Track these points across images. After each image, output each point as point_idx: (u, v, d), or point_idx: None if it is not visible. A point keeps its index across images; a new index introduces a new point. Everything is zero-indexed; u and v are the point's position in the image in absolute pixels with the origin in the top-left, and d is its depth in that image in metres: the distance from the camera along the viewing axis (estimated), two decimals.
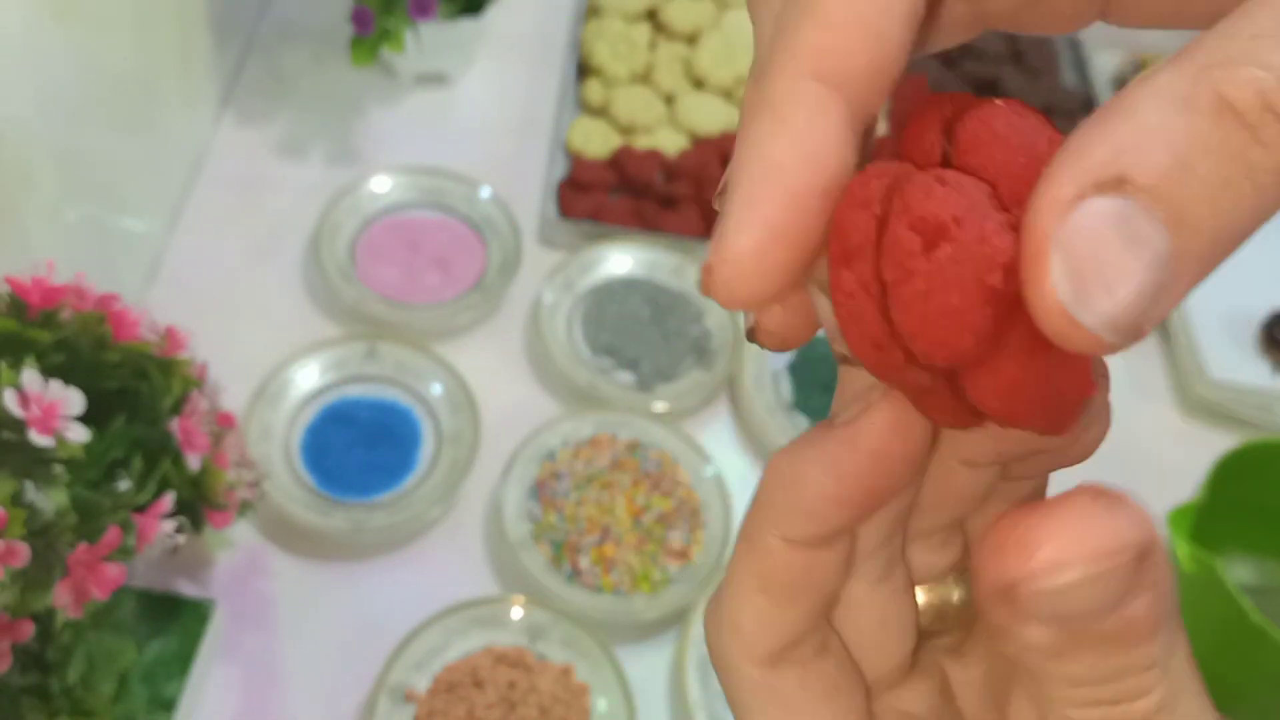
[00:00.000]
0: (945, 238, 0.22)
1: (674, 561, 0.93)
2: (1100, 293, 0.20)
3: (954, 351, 0.22)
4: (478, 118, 1.27)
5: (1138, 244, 0.20)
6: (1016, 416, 0.23)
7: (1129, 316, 0.20)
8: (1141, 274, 0.20)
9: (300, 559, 0.92)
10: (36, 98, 0.82)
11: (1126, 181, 0.20)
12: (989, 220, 0.22)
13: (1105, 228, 0.20)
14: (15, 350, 0.67)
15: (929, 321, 0.22)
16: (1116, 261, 0.20)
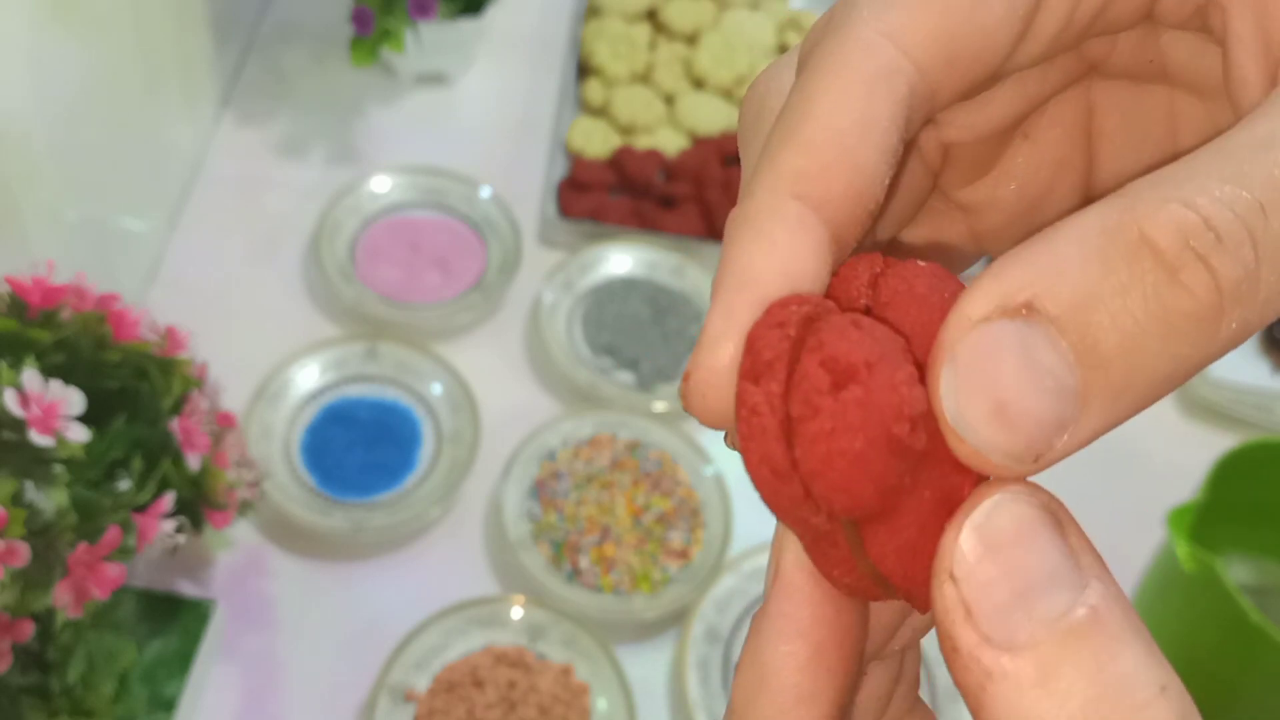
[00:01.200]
0: (855, 380, 0.21)
1: (674, 561, 0.93)
2: (988, 411, 0.20)
3: (854, 499, 0.22)
4: (478, 118, 1.27)
5: (1038, 372, 0.20)
6: (914, 583, 0.22)
7: (1023, 442, 0.20)
8: (1038, 400, 0.20)
9: (300, 559, 0.92)
10: (37, 98, 0.82)
11: (1034, 308, 0.20)
12: (900, 370, 0.22)
13: (1004, 349, 0.20)
14: (15, 350, 0.67)
15: (831, 463, 0.21)
16: (1012, 384, 0.20)
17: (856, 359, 0.21)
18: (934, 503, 0.22)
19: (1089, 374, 0.20)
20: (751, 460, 0.23)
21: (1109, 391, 0.20)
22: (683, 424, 1.02)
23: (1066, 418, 0.20)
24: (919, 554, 0.22)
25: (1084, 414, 0.20)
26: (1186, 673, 0.77)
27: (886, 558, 0.22)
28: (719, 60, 1.26)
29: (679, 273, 1.10)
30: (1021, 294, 0.20)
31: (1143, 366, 0.20)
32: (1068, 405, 0.20)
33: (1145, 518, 0.85)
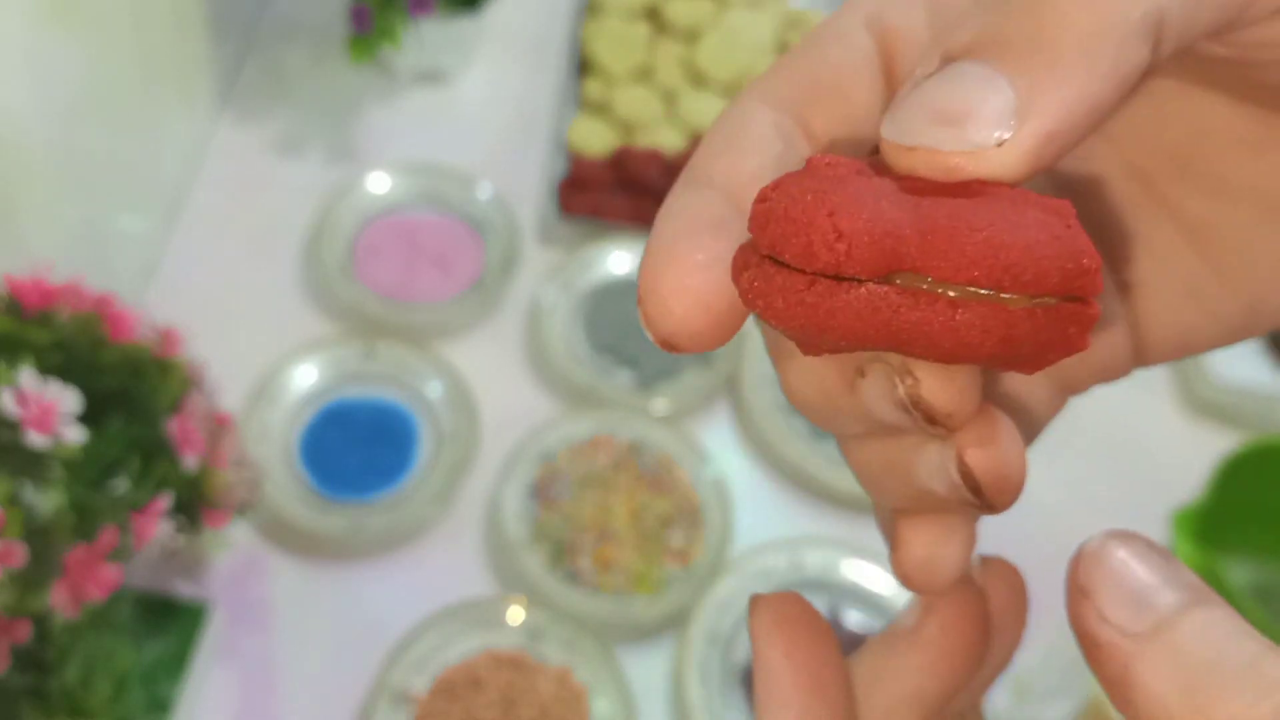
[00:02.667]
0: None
1: (674, 562, 0.92)
2: (927, 117, 0.23)
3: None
4: (477, 116, 1.27)
5: (964, 80, 0.23)
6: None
7: (971, 127, 0.22)
8: (970, 91, 0.22)
9: (298, 560, 0.92)
10: (34, 96, 0.82)
11: (947, 55, 0.23)
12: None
13: (934, 82, 0.23)
14: (12, 350, 0.67)
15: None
16: (943, 94, 0.23)
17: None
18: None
19: (1014, 59, 0.22)
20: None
21: (1044, 57, 0.22)
22: (682, 424, 1.01)
23: (1007, 98, 0.22)
24: (1012, 233, 0.23)
25: (1032, 88, 0.22)
26: None
27: (953, 253, 0.23)
28: (719, 58, 1.25)
29: None
30: (933, 59, 0.23)
31: (1061, 28, 0.22)
32: (1004, 87, 0.22)
33: (1149, 518, 0.85)
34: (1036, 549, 0.98)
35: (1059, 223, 0.23)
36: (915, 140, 0.22)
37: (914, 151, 0.22)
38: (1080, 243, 0.23)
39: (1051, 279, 0.22)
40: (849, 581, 0.93)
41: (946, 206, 0.22)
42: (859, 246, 0.22)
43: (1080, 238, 0.23)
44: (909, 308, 0.22)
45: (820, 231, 0.22)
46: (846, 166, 0.24)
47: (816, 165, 0.24)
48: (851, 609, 0.92)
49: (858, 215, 0.22)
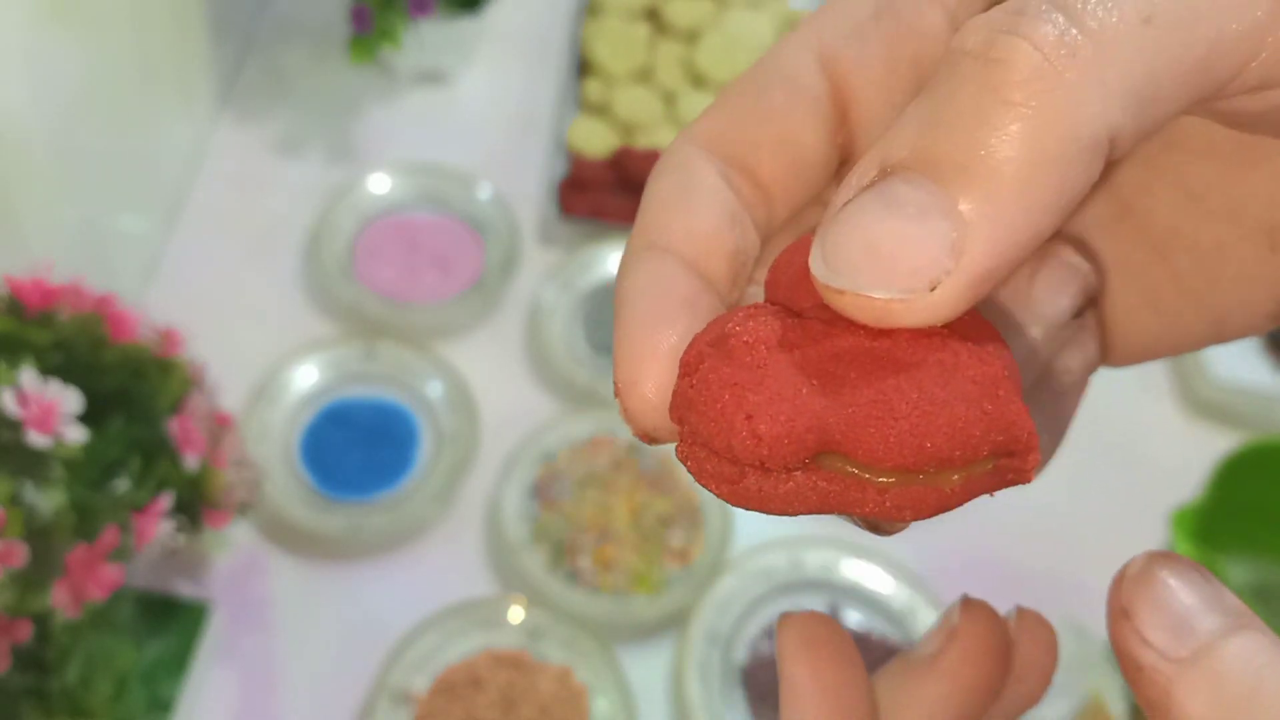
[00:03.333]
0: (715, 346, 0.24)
1: (673, 562, 0.93)
2: (861, 253, 0.21)
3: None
4: (477, 116, 1.27)
5: (900, 206, 0.21)
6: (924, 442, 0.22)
7: (905, 269, 0.21)
8: (908, 227, 0.21)
9: (299, 559, 0.92)
10: (34, 96, 0.82)
11: (883, 169, 0.21)
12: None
13: (866, 208, 0.21)
14: (13, 350, 0.67)
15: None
16: (878, 225, 0.21)
17: (702, 339, 0.24)
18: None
19: (953, 187, 0.21)
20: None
21: (979, 194, 0.20)
22: None
23: (943, 236, 0.21)
24: (936, 414, 0.22)
25: (969, 225, 0.21)
26: None
27: (890, 442, 0.22)
28: (719, 59, 1.26)
29: None
30: (873, 167, 0.21)
31: (998, 158, 0.20)
32: (940, 222, 0.21)
33: (1147, 518, 0.85)
34: (1036, 548, 0.99)
35: (988, 392, 0.22)
36: (846, 284, 0.21)
37: (843, 295, 0.21)
38: (1012, 413, 0.22)
39: (982, 451, 0.22)
40: (848, 581, 0.93)
41: (870, 386, 0.22)
42: (778, 449, 0.22)
43: (1011, 406, 0.22)
44: (838, 495, 0.23)
45: (739, 436, 0.22)
46: (766, 339, 0.23)
47: (735, 347, 0.23)
48: (851, 609, 0.92)
49: (775, 417, 0.22)
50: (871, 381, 0.22)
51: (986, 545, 0.99)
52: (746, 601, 0.91)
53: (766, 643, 0.90)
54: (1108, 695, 0.84)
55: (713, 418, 0.22)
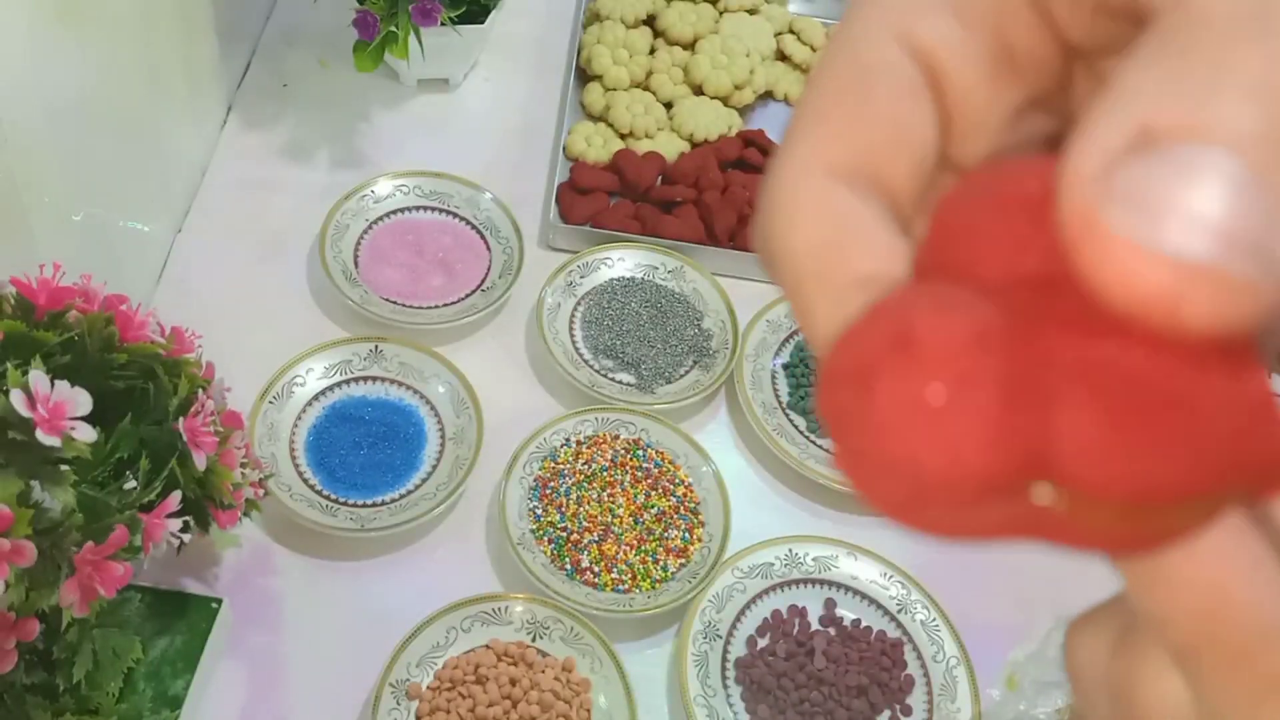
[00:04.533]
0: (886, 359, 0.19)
1: (674, 559, 0.93)
2: (1212, 243, 0.17)
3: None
4: (480, 122, 1.28)
5: (1207, 174, 0.17)
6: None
7: (1251, 245, 0.17)
8: (1228, 196, 0.17)
9: (305, 557, 0.93)
10: (43, 101, 0.83)
11: (1149, 130, 0.17)
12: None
13: (1162, 175, 0.17)
14: (23, 351, 0.67)
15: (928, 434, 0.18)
16: (1196, 199, 0.17)
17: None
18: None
19: (1260, 163, 0.17)
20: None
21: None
22: (682, 424, 1.03)
23: (1260, 210, 0.17)
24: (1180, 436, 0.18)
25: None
26: None
27: (1111, 476, 0.18)
28: (717, 66, 1.26)
29: (678, 275, 1.11)
30: (1133, 122, 0.17)
31: None
32: (1253, 199, 0.17)
33: None
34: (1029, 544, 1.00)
35: (1254, 415, 0.18)
36: (1177, 250, 0.17)
37: (1172, 265, 0.17)
38: (1275, 444, 0.18)
39: (1231, 487, 0.18)
40: (845, 576, 0.93)
41: (1098, 402, 0.18)
42: (983, 482, 0.18)
43: (1274, 431, 0.18)
44: (1048, 529, 0.19)
45: (934, 467, 0.18)
46: (966, 340, 0.18)
47: (927, 353, 0.18)
48: (847, 604, 0.93)
49: (984, 447, 0.18)
50: (1105, 401, 0.18)
51: None
52: (745, 598, 0.92)
53: (764, 638, 0.91)
54: None
55: (901, 443, 0.18)
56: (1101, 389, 0.18)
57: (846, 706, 0.87)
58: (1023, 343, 0.18)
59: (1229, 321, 0.17)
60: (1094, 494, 0.18)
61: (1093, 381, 0.18)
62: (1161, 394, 0.17)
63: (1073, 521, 0.19)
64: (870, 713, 0.88)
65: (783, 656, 0.89)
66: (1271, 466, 0.18)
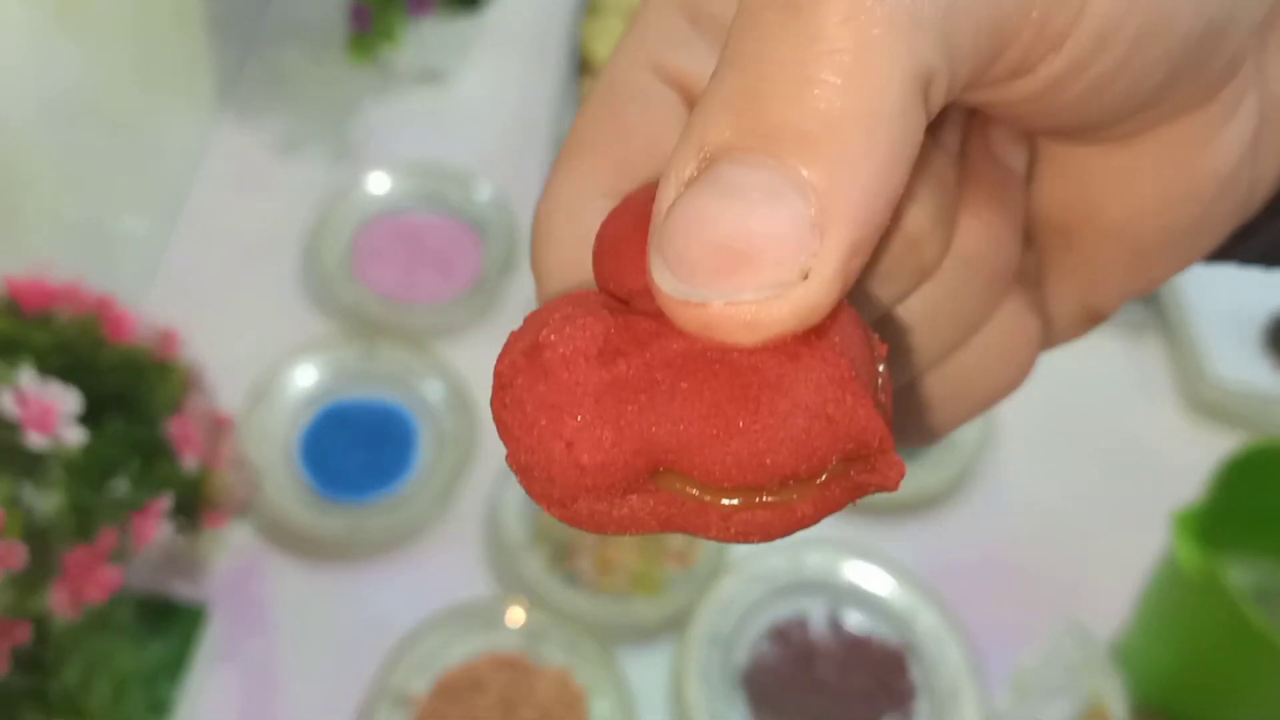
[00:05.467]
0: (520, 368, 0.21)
1: (673, 564, 0.93)
2: (715, 262, 0.19)
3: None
4: (476, 116, 1.27)
5: (742, 191, 0.19)
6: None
7: (771, 265, 0.19)
8: (759, 215, 0.18)
9: (298, 561, 0.92)
10: (34, 97, 0.82)
11: (707, 156, 0.19)
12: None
13: (702, 200, 0.19)
14: (12, 351, 0.67)
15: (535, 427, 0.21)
16: (724, 218, 0.19)
17: (515, 351, 0.22)
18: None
19: (794, 158, 0.18)
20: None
21: (827, 165, 0.18)
22: None
23: (801, 215, 0.18)
24: (778, 424, 0.20)
25: (826, 195, 0.18)
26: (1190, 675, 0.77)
27: (730, 456, 0.20)
28: None
29: None
30: (694, 155, 0.19)
31: (840, 107, 0.18)
32: (795, 200, 0.18)
33: (1149, 519, 0.85)
34: (1037, 549, 0.99)
35: (833, 396, 0.20)
36: (707, 295, 0.19)
37: (706, 308, 0.19)
38: (860, 417, 0.20)
39: (828, 462, 0.20)
40: (849, 583, 0.93)
41: (704, 399, 0.20)
42: (604, 477, 0.20)
43: (859, 410, 0.20)
44: (679, 519, 0.21)
45: (559, 466, 0.20)
46: (586, 348, 0.21)
47: (551, 361, 0.21)
48: (851, 610, 0.92)
49: (599, 444, 0.20)
50: (705, 393, 0.20)
51: (987, 546, 0.99)
52: (747, 604, 0.91)
53: (767, 645, 0.90)
54: (1108, 697, 0.84)
55: (529, 446, 0.20)
56: (697, 384, 0.20)
57: (851, 714, 0.87)
58: (638, 346, 0.20)
59: (801, 317, 0.19)
60: (709, 481, 0.20)
61: (691, 379, 0.20)
62: (745, 385, 0.20)
63: (701, 514, 0.21)
64: None
65: (786, 664, 0.88)
66: (863, 437, 0.20)
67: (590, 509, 0.21)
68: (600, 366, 0.20)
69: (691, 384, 0.20)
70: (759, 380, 0.20)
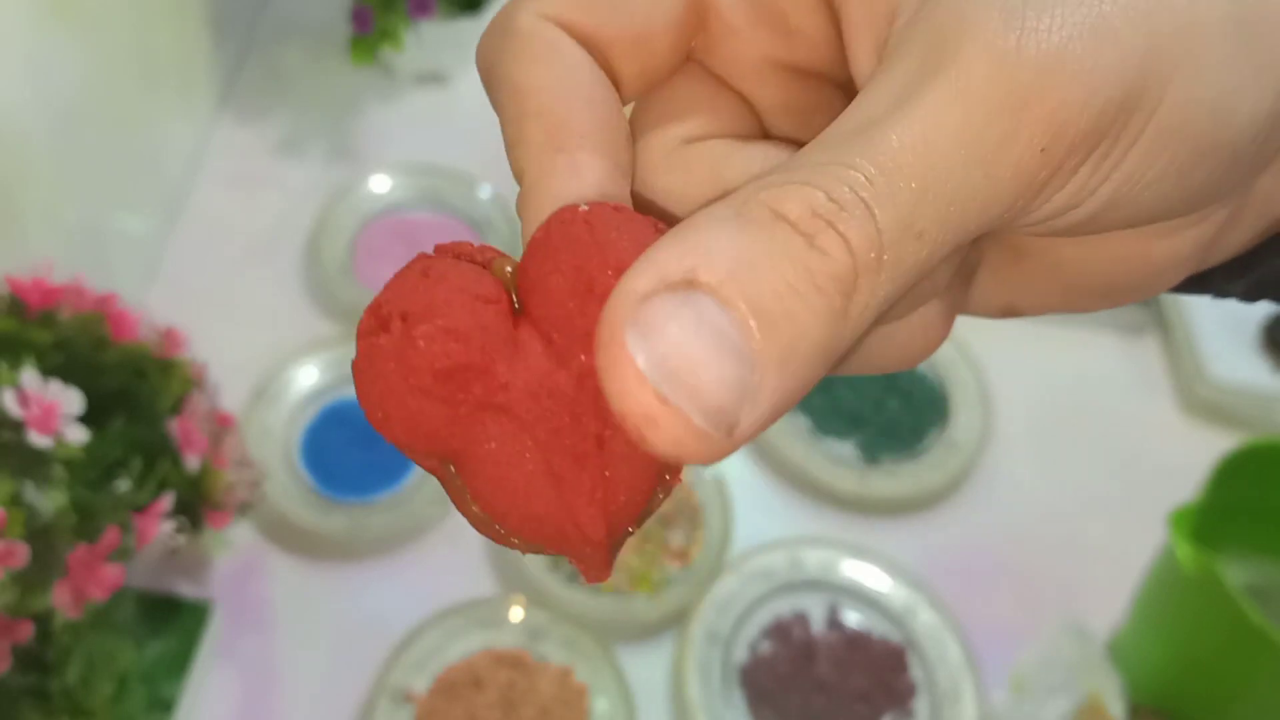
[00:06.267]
0: (385, 330, 0.24)
1: (673, 562, 0.93)
2: (683, 385, 0.20)
3: (395, 438, 0.24)
4: (476, 117, 1.26)
5: (714, 333, 0.20)
6: (511, 521, 0.25)
7: (713, 407, 0.20)
8: (719, 361, 0.20)
9: (299, 560, 0.92)
10: (35, 96, 0.82)
11: (695, 281, 0.20)
12: (438, 321, 0.24)
13: (676, 318, 0.20)
14: (14, 350, 0.67)
15: (367, 399, 0.24)
16: (691, 349, 0.20)
17: (393, 310, 0.24)
18: (540, 452, 0.24)
19: (764, 340, 0.20)
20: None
21: (781, 356, 0.21)
22: None
23: (747, 382, 0.20)
24: (519, 494, 0.24)
25: (763, 380, 0.21)
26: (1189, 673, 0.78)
27: (482, 496, 0.24)
28: None
29: None
30: (680, 268, 0.21)
31: (805, 332, 0.21)
32: (745, 368, 0.20)
33: (1147, 518, 0.85)
34: (1035, 548, 0.99)
35: (583, 499, 0.24)
36: (676, 398, 0.20)
37: (665, 406, 0.20)
38: (587, 526, 0.24)
39: (546, 547, 0.25)
40: (848, 581, 0.93)
41: (508, 445, 0.24)
42: (404, 446, 0.25)
43: (589, 519, 0.24)
44: (452, 492, 0.26)
45: (377, 422, 0.24)
46: (462, 341, 0.24)
47: (418, 340, 0.24)
48: (851, 608, 0.92)
49: (405, 430, 0.24)
50: (512, 441, 0.24)
51: (986, 545, 0.99)
52: (746, 602, 0.91)
53: (766, 643, 0.90)
54: (1106, 695, 0.85)
55: (362, 396, 0.24)
56: (515, 425, 0.24)
57: (850, 712, 0.87)
58: (506, 362, 0.23)
59: (703, 459, 0.21)
60: (474, 498, 0.25)
61: (519, 414, 0.24)
62: (545, 445, 0.24)
63: (463, 499, 0.25)
64: (874, 718, 0.87)
65: (785, 662, 0.88)
66: (581, 547, 0.24)
67: (402, 448, 0.25)
68: (445, 376, 0.23)
69: (508, 425, 0.24)
70: (553, 458, 0.23)
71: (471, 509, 0.25)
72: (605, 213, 0.24)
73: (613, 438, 0.24)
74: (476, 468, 0.24)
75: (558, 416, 0.23)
